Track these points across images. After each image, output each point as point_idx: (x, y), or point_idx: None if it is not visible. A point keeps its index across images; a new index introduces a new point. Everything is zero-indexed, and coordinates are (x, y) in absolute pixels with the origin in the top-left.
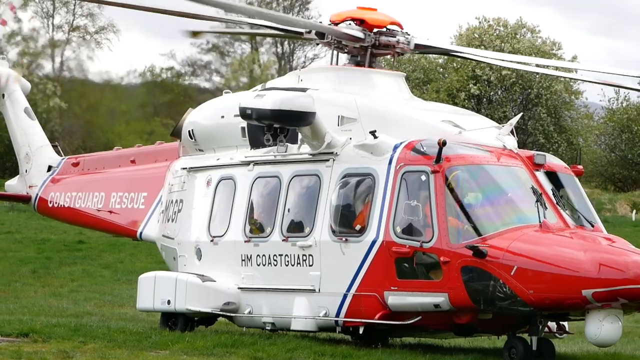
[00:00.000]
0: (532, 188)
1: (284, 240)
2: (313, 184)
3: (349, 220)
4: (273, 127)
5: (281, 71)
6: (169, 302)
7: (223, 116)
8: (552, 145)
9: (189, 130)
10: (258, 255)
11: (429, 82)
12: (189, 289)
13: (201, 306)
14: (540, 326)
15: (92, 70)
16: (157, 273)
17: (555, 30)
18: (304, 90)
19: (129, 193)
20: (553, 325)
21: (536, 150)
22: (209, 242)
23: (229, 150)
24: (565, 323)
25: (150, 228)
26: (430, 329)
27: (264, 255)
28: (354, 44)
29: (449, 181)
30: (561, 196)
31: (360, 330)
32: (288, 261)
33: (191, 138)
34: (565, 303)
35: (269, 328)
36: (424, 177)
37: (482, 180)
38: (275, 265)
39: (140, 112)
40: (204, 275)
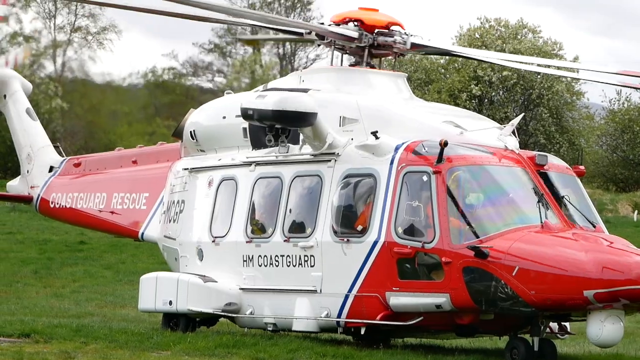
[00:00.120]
0: (534, 189)
1: (285, 240)
2: (314, 185)
3: (350, 221)
4: (274, 128)
5: (283, 72)
6: (170, 303)
7: (225, 117)
8: (554, 146)
9: (191, 131)
10: (259, 255)
11: (430, 83)
12: (191, 289)
13: (203, 307)
14: (542, 327)
15: (94, 71)
16: (159, 274)
17: (555, 30)
18: (305, 90)
19: (130, 194)
20: (555, 325)
21: (538, 151)
22: (211, 243)
23: (230, 150)
24: (567, 324)
25: (151, 229)
26: (431, 330)
27: (265, 255)
28: (350, 44)
29: (450, 182)
30: (563, 197)
31: (362, 331)
32: (290, 262)
33: (193, 138)
34: (567, 304)
35: (270, 329)
36: (425, 178)
37: (484, 181)
38: (277, 266)
39: (142, 113)
40: (205, 275)
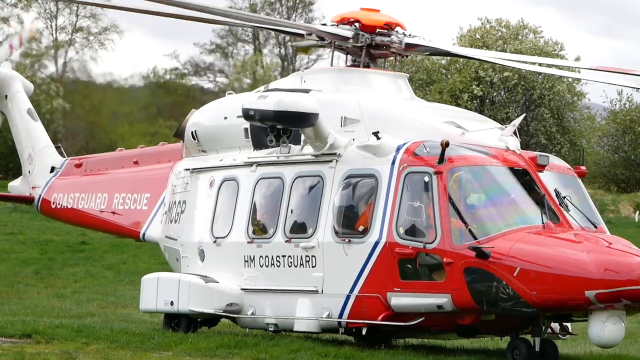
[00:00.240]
0: (535, 189)
1: (287, 241)
2: (316, 185)
3: (352, 222)
4: (276, 128)
5: (284, 72)
6: (172, 303)
7: (226, 117)
8: (555, 146)
9: (192, 131)
10: (261, 256)
11: (431, 83)
12: (192, 290)
13: (204, 307)
14: (543, 327)
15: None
16: (160, 274)
17: (556, 30)
18: (306, 91)
19: (132, 194)
20: (556, 326)
21: (539, 151)
22: (212, 243)
23: (231, 151)
24: (568, 324)
25: (153, 229)
26: (433, 330)
27: (267, 256)
28: (346, 44)
29: (451, 182)
30: (564, 197)
31: (364, 332)
32: (291, 262)
33: (194, 139)
34: (568, 304)
35: (272, 329)
36: (427, 178)
37: (485, 181)
38: (278, 267)
39: (143, 114)
40: (207, 276)
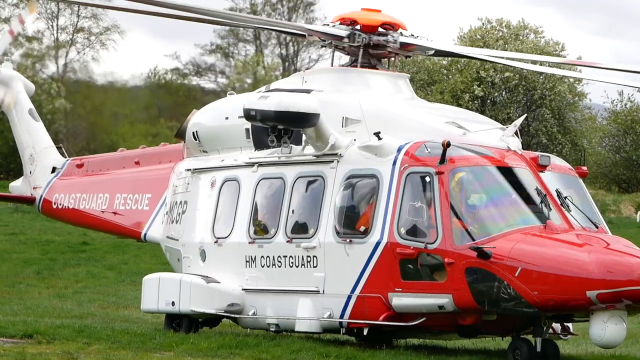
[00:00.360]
0: (537, 189)
1: (288, 241)
2: (317, 185)
3: (353, 222)
4: (277, 129)
5: (285, 72)
6: (173, 304)
7: (227, 117)
8: (556, 146)
9: (193, 132)
10: (262, 256)
11: (433, 84)
12: (193, 290)
13: (205, 307)
14: (545, 327)
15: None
16: (162, 274)
17: (557, 30)
18: (308, 91)
19: (133, 194)
20: (557, 326)
21: (540, 151)
22: (213, 244)
23: (233, 151)
24: (570, 324)
25: (154, 229)
26: (434, 330)
27: (268, 256)
28: (341, 43)
29: (453, 182)
30: (565, 197)
31: (365, 332)
32: (292, 262)
33: (195, 139)
34: (570, 304)
35: (273, 329)
36: (428, 179)
37: (486, 182)
38: (280, 267)
39: (144, 114)
40: (208, 276)
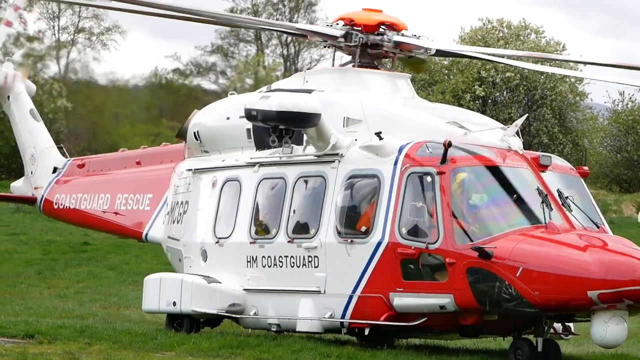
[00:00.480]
0: (538, 189)
1: (289, 241)
2: (318, 186)
3: (354, 222)
4: (278, 129)
5: (287, 72)
6: (174, 304)
7: (228, 117)
8: (557, 146)
9: (195, 132)
10: (263, 256)
11: (434, 84)
12: (195, 290)
13: (207, 307)
14: (546, 327)
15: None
16: (163, 274)
17: (559, 30)
18: (309, 91)
19: (134, 194)
20: (559, 326)
21: (541, 151)
22: (215, 244)
23: (234, 151)
24: (571, 324)
25: (155, 229)
26: (435, 330)
27: (269, 256)
28: (337, 43)
29: (454, 182)
30: (566, 197)
31: (366, 332)
32: (293, 262)
33: (196, 139)
34: (571, 304)
35: (274, 329)
36: (429, 179)
37: (488, 182)
38: (281, 267)
39: (145, 114)
40: (209, 276)
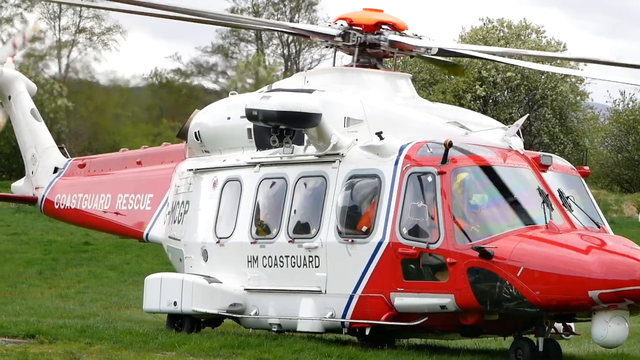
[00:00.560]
0: (539, 189)
1: (290, 241)
2: (319, 185)
3: (355, 222)
4: (279, 129)
5: (287, 72)
6: (175, 304)
7: (229, 117)
8: (558, 146)
9: (195, 132)
10: (264, 256)
11: (435, 84)
12: (196, 290)
13: (207, 307)
14: (547, 327)
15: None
16: (164, 274)
17: (560, 30)
18: (310, 91)
19: (135, 194)
20: (559, 326)
21: (542, 151)
22: (215, 244)
23: (235, 151)
24: (572, 324)
25: (156, 229)
26: (436, 330)
27: (270, 256)
28: (334, 42)
29: (455, 182)
30: (567, 197)
31: (367, 332)
32: (294, 262)
33: (197, 139)
34: (572, 304)
35: (275, 329)
36: (430, 178)
37: (488, 182)
38: (282, 267)
39: (146, 114)
40: (210, 276)
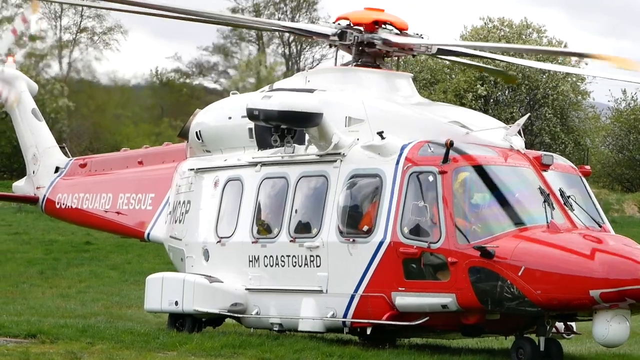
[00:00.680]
0: (540, 188)
1: (291, 241)
2: (320, 185)
3: (356, 221)
4: (280, 128)
5: (288, 72)
6: (176, 303)
7: (230, 117)
8: (559, 146)
9: (197, 131)
10: (265, 256)
11: (436, 83)
12: (197, 290)
13: (209, 307)
14: (548, 326)
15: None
16: (165, 274)
17: (560, 30)
18: (311, 91)
19: (136, 194)
20: (561, 325)
21: (543, 150)
22: (217, 243)
23: (236, 151)
24: (573, 323)
25: (157, 229)
26: (437, 330)
27: (271, 256)
28: (331, 41)
29: (456, 182)
30: (568, 197)
31: (368, 331)
32: (295, 262)
33: (198, 139)
34: (573, 303)
35: (276, 329)
36: (431, 178)
37: (490, 181)
38: (283, 266)
39: (147, 114)
40: (211, 276)
